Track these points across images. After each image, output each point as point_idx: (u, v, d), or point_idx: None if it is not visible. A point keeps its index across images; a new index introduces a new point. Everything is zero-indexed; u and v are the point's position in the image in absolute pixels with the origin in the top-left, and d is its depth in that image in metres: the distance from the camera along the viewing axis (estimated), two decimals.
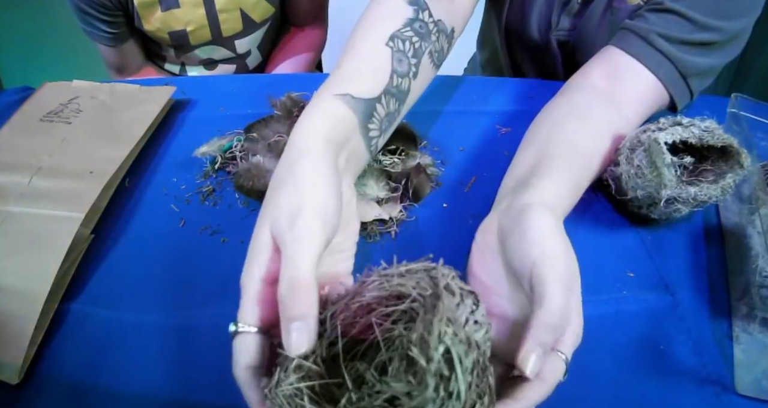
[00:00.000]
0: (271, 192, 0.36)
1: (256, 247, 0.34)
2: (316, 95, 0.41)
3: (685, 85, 0.57)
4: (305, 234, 0.32)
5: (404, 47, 0.45)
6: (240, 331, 0.32)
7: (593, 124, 0.53)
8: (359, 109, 0.41)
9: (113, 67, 0.94)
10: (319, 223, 0.33)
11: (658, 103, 0.58)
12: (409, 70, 0.46)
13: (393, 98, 0.44)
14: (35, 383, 0.42)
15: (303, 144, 0.37)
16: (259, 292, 0.33)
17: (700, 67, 0.57)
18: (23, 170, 0.54)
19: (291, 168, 0.35)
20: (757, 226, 0.48)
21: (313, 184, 0.34)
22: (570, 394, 0.42)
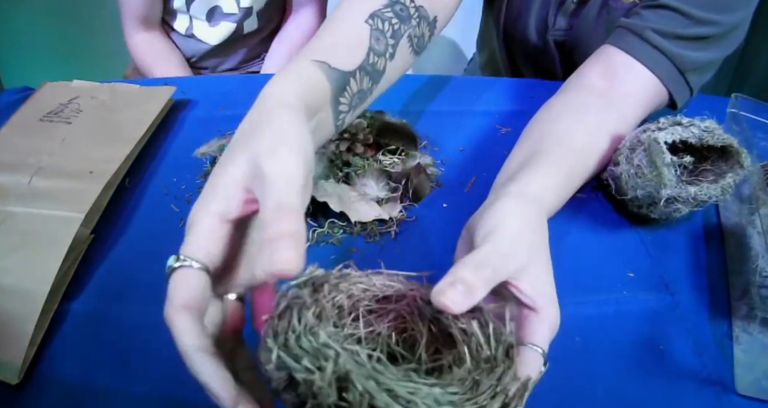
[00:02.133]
0: (243, 136, 0.34)
1: (218, 183, 0.31)
2: (293, 59, 0.40)
3: (684, 81, 0.57)
4: (289, 163, 0.30)
5: (383, 27, 0.44)
6: (178, 265, 0.29)
7: (589, 122, 0.53)
8: (333, 79, 0.40)
9: (138, 17, 0.94)
10: (301, 158, 0.31)
11: (656, 101, 0.58)
12: (386, 50, 0.45)
13: (367, 76, 0.44)
14: (35, 383, 0.42)
15: (279, 99, 0.35)
16: (211, 227, 0.30)
17: (698, 61, 0.56)
18: (23, 170, 0.54)
19: (268, 117, 0.34)
20: (757, 226, 0.48)
21: (292, 125, 0.33)
22: (570, 394, 0.42)
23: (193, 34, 0.99)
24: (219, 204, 0.31)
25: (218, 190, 0.31)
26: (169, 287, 0.29)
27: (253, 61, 1.07)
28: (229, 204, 0.31)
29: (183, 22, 0.99)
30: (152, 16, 0.96)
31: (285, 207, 0.28)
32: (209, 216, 0.30)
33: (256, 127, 0.33)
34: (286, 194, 0.29)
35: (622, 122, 0.55)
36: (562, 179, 0.47)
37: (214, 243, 0.30)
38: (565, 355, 0.44)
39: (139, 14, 0.94)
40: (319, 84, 0.39)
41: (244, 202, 0.31)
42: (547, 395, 0.41)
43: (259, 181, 0.30)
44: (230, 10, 0.97)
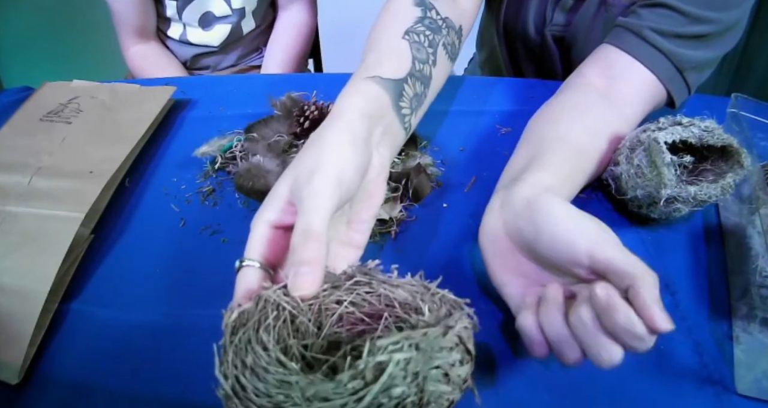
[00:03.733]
0: (299, 154, 0.39)
1: (272, 196, 0.37)
2: (347, 84, 0.44)
3: (682, 80, 0.57)
4: (319, 191, 0.35)
5: (420, 39, 0.49)
6: (243, 265, 0.36)
7: (589, 121, 0.53)
8: (389, 88, 0.44)
9: (133, 29, 0.95)
10: (333, 183, 0.35)
11: (655, 100, 0.58)
12: (428, 58, 0.49)
13: (418, 81, 0.47)
14: (35, 383, 0.42)
15: (336, 115, 0.40)
16: (266, 233, 0.37)
17: (696, 60, 0.56)
18: (23, 170, 0.54)
19: (320, 133, 0.39)
20: (757, 226, 0.48)
21: (333, 149, 0.37)
22: (570, 394, 0.42)
23: (187, 40, 1.00)
24: (270, 214, 0.37)
25: (270, 202, 0.37)
26: (236, 281, 0.36)
27: (252, 56, 1.08)
28: (278, 214, 0.37)
29: (177, 29, 0.99)
30: (147, 26, 0.96)
31: (310, 234, 0.33)
32: (262, 223, 0.37)
33: (310, 144, 0.39)
34: (313, 221, 0.34)
35: (621, 122, 0.55)
36: (566, 179, 0.47)
37: (265, 245, 0.37)
38: None
39: (133, 26, 0.94)
40: (378, 95, 0.43)
41: (290, 214, 0.37)
42: (547, 395, 0.42)
43: (297, 201, 0.36)
44: (223, 13, 0.97)
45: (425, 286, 0.34)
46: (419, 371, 0.27)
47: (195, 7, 0.95)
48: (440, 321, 0.30)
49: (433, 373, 0.27)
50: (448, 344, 0.29)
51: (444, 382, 0.28)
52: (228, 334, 0.31)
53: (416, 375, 0.27)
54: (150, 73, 0.96)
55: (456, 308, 0.33)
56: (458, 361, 0.29)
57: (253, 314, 0.32)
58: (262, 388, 0.27)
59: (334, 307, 0.35)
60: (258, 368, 0.29)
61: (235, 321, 0.32)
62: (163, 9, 0.96)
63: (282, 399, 0.26)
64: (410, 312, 0.33)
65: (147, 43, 0.98)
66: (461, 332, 0.30)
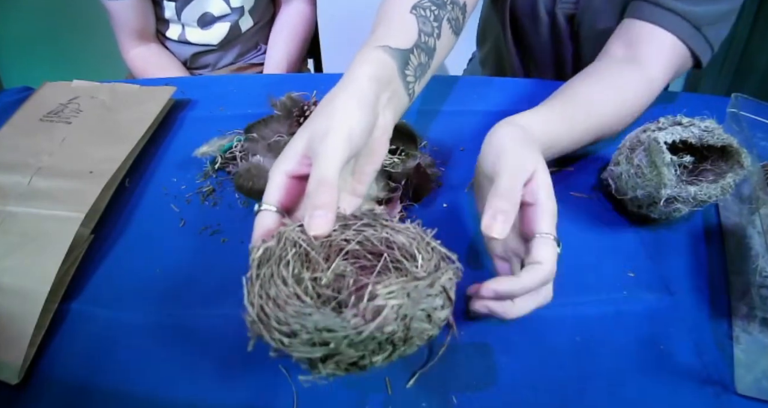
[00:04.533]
0: (313, 115, 0.43)
1: (289, 150, 0.42)
2: (358, 53, 0.48)
3: (702, 37, 0.60)
4: (332, 147, 0.39)
5: (426, 14, 0.53)
6: (262, 209, 0.40)
7: (605, 80, 0.58)
8: (397, 57, 0.48)
9: (132, 32, 0.94)
10: (344, 140, 0.40)
11: (680, 59, 0.61)
12: (432, 31, 0.53)
13: (423, 52, 0.51)
14: (35, 383, 0.42)
15: (348, 80, 0.44)
16: (283, 182, 0.41)
17: (711, 15, 0.59)
18: (23, 170, 0.54)
19: (332, 97, 0.43)
20: (757, 226, 0.48)
21: (345, 111, 0.41)
22: (570, 394, 0.42)
23: (186, 40, 1.00)
24: (287, 165, 0.41)
25: (287, 154, 0.41)
26: (255, 223, 0.40)
27: (251, 53, 1.08)
28: (294, 166, 0.41)
29: (175, 30, 0.99)
30: (146, 28, 0.96)
31: (324, 182, 0.38)
32: (279, 173, 0.41)
33: (322, 107, 0.43)
34: (327, 171, 0.38)
35: (642, 80, 0.59)
36: (555, 117, 0.51)
37: (282, 192, 0.41)
38: (565, 355, 0.44)
39: (132, 29, 0.94)
40: (386, 62, 0.47)
41: (305, 166, 0.41)
42: (547, 395, 0.42)
43: (313, 154, 0.40)
44: (222, 12, 0.97)
45: (422, 235, 0.40)
46: (407, 314, 0.32)
47: (194, 7, 0.95)
48: (430, 274, 0.36)
49: (419, 314, 0.33)
50: (433, 292, 0.34)
51: (426, 322, 0.34)
52: (254, 268, 0.36)
53: (405, 316, 0.32)
54: (151, 74, 0.96)
55: (445, 260, 0.38)
56: (440, 306, 0.34)
57: (274, 251, 0.37)
58: (282, 317, 0.33)
59: (343, 244, 0.40)
60: (279, 300, 0.34)
61: (260, 257, 0.36)
62: (161, 11, 0.96)
63: (298, 328, 0.32)
64: (406, 256, 0.39)
65: (147, 45, 0.98)
66: (446, 283, 0.35)
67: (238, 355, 0.43)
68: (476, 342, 0.45)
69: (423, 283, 0.34)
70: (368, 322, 0.32)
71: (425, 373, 0.42)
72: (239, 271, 0.50)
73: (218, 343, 0.44)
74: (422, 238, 0.39)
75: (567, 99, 0.55)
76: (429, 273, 0.36)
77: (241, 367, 0.43)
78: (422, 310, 0.33)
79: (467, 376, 0.42)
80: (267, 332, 0.33)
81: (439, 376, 0.42)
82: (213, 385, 0.42)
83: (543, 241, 0.40)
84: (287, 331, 0.32)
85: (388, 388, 0.42)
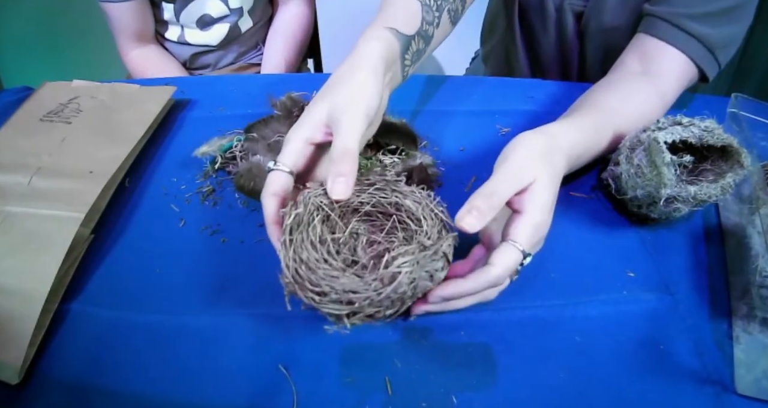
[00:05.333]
0: (332, 82, 0.46)
1: (309, 116, 0.44)
2: (369, 28, 0.52)
3: (713, 59, 0.62)
4: (355, 120, 0.43)
5: (429, 2, 0.56)
6: (276, 168, 0.43)
7: (621, 91, 0.60)
8: (401, 41, 0.52)
9: (131, 34, 0.94)
10: (364, 114, 0.44)
11: (689, 77, 0.63)
12: (433, 20, 0.57)
13: (422, 39, 0.55)
14: (35, 383, 0.42)
15: (365, 56, 0.47)
16: (300, 147, 0.44)
17: (725, 38, 0.61)
18: (23, 170, 0.54)
19: (352, 71, 0.46)
20: (757, 226, 0.48)
21: (364, 88, 0.45)
22: (570, 394, 0.42)
23: (186, 41, 1.00)
24: (306, 131, 0.44)
25: (307, 121, 0.44)
26: (267, 179, 0.43)
27: (251, 53, 1.08)
28: (313, 133, 0.44)
29: (174, 31, 0.99)
30: (145, 30, 0.96)
31: (347, 151, 0.41)
32: (299, 139, 0.44)
33: (341, 81, 0.45)
34: (350, 142, 0.42)
35: (656, 95, 0.60)
36: (585, 127, 0.53)
37: (299, 157, 0.44)
38: (565, 355, 0.44)
39: (131, 31, 0.94)
40: (393, 45, 0.50)
41: (324, 134, 0.44)
42: (547, 395, 0.42)
43: (334, 124, 0.43)
44: (221, 13, 0.97)
45: (427, 201, 0.45)
46: (416, 277, 0.39)
47: (192, 9, 0.95)
48: (434, 243, 0.41)
49: (423, 275, 0.39)
50: (436, 258, 0.41)
51: (429, 281, 0.40)
52: (287, 233, 0.40)
53: (414, 279, 0.39)
54: (150, 75, 0.96)
55: (446, 228, 0.43)
56: (440, 268, 0.40)
57: (302, 217, 0.42)
58: (314, 279, 0.38)
59: (358, 206, 0.46)
60: (311, 264, 0.39)
61: (291, 223, 0.41)
62: (160, 12, 0.95)
63: (328, 289, 0.38)
64: (412, 218, 0.45)
65: (146, 46, 0.97)
66: (446, 249, 0.41)
67: (238, 355, 0.43)
68: (476, 342, 0.45)
69: (429, 252, 0.40)
70: (385, 285, 0.38)
71: (425, 373, 0.42)
72: (239, 271, 0.50)
73: (218, 343, 0.44)
74: (428, 204, 0.45)
75: (593, 109, 0.57)
76: (433, 241, 0.42)
77: (241, 367, 0.43)
78: (426, 271, 0.40)
79: (467, 376, 0.42)
80: (301, 291, 0.38)
81: (439, 376, 0.42)
82: (213, 385, 0.42)
83: (506, 247, 0.41)
84: (318, 291, 0.38)
85: (388, 388, 0.42)
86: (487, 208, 0.40)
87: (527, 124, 0.68)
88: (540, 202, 0.42)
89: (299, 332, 0.45)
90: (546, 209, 0.42)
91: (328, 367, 0.43)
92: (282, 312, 0.46)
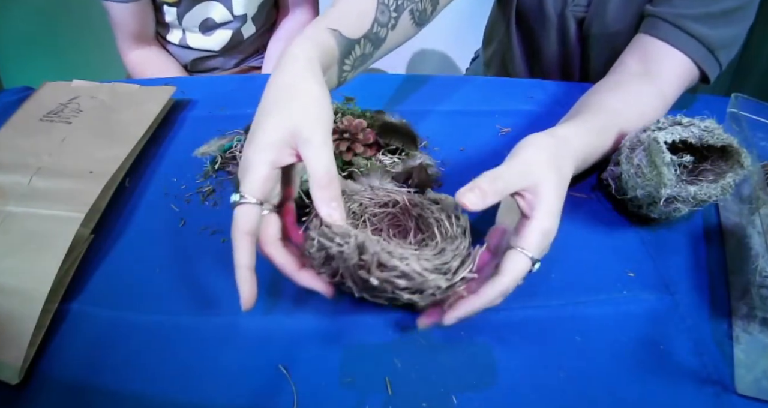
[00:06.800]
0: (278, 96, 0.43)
1: (265, 137, 0.40)
2: (310, 26, 0.48)
3: (714, 60, 0.62)
4: (326, 138, 0.40)
5: (388, 2, 0.52)
6: (244, 201, 0.39)
7: (623, 92, 0.59)
8: (342, 45, 0.49)
9: (132, 35, 0.94)
10: (329, 130, 0.41)
11: (690, 78, 0.63)
12: (388, 22, 0.53)
13: (370, 42, 0.52)
14: (35, 383, 0.42)
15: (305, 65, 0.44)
16: (265, 173, 0.40)
17: (725, 38, 0.61)
18: (23, 170, 0.54)
19: (296, 81, 0.43)
20: (757, 226, 0.48)
21: (319, 100, 0.42)
22: (570, 394, 0.42)
23: (187, 45, 0.99)
24: (270, 154, 0.40)
25: (267, 144, 0.40)
26: (235, 215, 0.39)
27: (253, 57, 1.08)
28: (279, 156, 0.40)
29: (176, 34, 0.99)
30: (146, 32, 0.95)
31: (332, 176, 0.40)
32: (263, 164, 0.40)
33: (289, 95, 0.42)
34: (330, 165, 0.40)
35: (657, 96, 0.60)
36: (592, 129, 0.53)
37: (266, 184, 0.40)
38: (565, 355, 0.44)
39: (132, 32, 0.94)
40: (331, 49, 0.48)
41: (290, 156, 0.41)
42: (547, 395, 0.42)
43: (303, 145, 0.40)
44: (224, 19, 0.97)
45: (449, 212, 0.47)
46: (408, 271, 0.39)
47: (195, 13, 0.95)
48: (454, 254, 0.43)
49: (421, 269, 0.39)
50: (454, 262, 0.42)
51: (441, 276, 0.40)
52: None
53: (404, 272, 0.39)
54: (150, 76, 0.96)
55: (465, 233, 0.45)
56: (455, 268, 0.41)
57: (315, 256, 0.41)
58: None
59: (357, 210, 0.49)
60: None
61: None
62: (162, 15, 0.95)
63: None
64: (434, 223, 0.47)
65: (146, 47, 0.97)
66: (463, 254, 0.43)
67: (238, 355, 0.43)
68: (476, 342, 0.45)
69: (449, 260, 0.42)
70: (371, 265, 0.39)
71: (425, 373, 0.42)
72: None
73: (218, 343, 0.44)
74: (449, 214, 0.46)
75: (597, 111, 0.56)
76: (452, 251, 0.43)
77: (241, 367, 0.43)
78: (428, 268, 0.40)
79: (467, 376, 0.42)
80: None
81: (439, 376, 0.42)
82: (213, 385, 0.42)
83: (515, 255, 0.40)
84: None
85: (388, 388, 0.42)
86: (490, 190, 0.40)
87: (527, 124, 0.68)
88: (548, 208, 0.42)
89: (299, 332, 0.45)
90: (554, 215, 0.42)
91: (328, 367, 0.43)
92: (282, 312, 0.46)
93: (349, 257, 0.38)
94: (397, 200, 0.48)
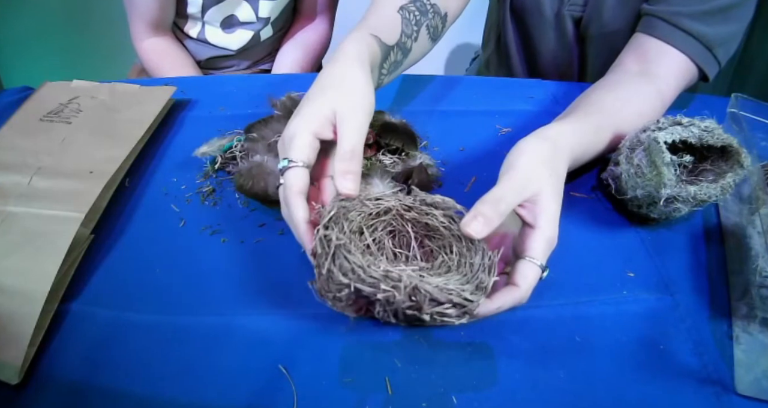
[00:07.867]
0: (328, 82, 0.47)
1: (312, 111, 0.45)
2: (355, 31, 0.53)
3: (712, 57, 0.62)
4: (362, 122, 0.45)
5: (409, 17, 0.58)
6: (292, 165, 0.43)
7: (620, 91, 0.60)
8: (382, 50, 0.53)
9: (149, 22, 0.91)
10: (368, 116, 0.46)
11: (689, 77, 0.63)
12: (412, 34, 0.58)
13: (400, 51, 0.57)
14: (35, 383, 0.42)
15: (354, 56, 0.49)
16: (309, 141, 0.44)
17: (722, 36, 0.61)
18: (23, 170, 0.54)
19: (346, 70, 0.47)
20: (757, 226, 0.49)
21: (365, 88, 0.47)
22: (570, 394, 0.42)
23: (205, 39, 0.98)
24: (313, 125, 0.44)
25: (313, 117, 0.44)
26: (285, 178, 0.43)
27: (264, 59, 1.07)
28: (321, 129, 0.44)
29: (195, 27, 0.97)
30: (164, 20, 0.93)
31: (356, 152, 0.43)
32: (308, 133, 0.44)
33: (340, 81, 0.47)
34: (357, 143, 0.44)
35: (655, 95, 0.60)
36: (585, 128, 0.53)
37: (311, 150, 0.44)
38: (565, 355, 0.44)
39: (150, 18, 0.91)
40: (375, 51, 0.52)
41: (331, 131, 0.45)
42: (547, 395, 0.42)
43: (341, 124, 0.44)
44: (247, 19, 0.96)
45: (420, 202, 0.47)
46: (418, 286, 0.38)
47: (221, 8, 0.93)
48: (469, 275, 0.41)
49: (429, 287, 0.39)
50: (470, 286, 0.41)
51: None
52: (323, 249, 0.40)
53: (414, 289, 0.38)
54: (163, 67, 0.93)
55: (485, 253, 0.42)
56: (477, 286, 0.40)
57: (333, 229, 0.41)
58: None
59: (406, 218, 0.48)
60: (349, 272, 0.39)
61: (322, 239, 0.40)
62: (184, 6, 0.92)
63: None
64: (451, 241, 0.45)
65: (162, 37, 0.94)
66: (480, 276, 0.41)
67: (238, 355, 0.43)
68: (476, 342, 0.45)
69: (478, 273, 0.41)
70: None
71: (425, 373, 0.42)
72: (239, 271, 0.50)
73: (218, 343, 0.44)
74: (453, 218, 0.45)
75: (592, 110, 0.57)
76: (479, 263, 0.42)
77: (241, 367, 0.43)
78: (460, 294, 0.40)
79: (467, 376, 0.42)
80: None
81: (439, 376, 0.42)
82: (213, 385, 0.42)
83: (526, 265, 0.41)
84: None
85: (388, 388, 0.42)
86: (494, 215, 0.41)
87: (527, 124, 0.68)
88: (550, 215, 0.43)
89: (299, 332, 0.45)
90: (556, 221, 0.43)
91: (328, 367, 0.43)
92: (282, 312, 0.46)
93: (399, 302, 0.37)
94: (389, 208, 0.47)
